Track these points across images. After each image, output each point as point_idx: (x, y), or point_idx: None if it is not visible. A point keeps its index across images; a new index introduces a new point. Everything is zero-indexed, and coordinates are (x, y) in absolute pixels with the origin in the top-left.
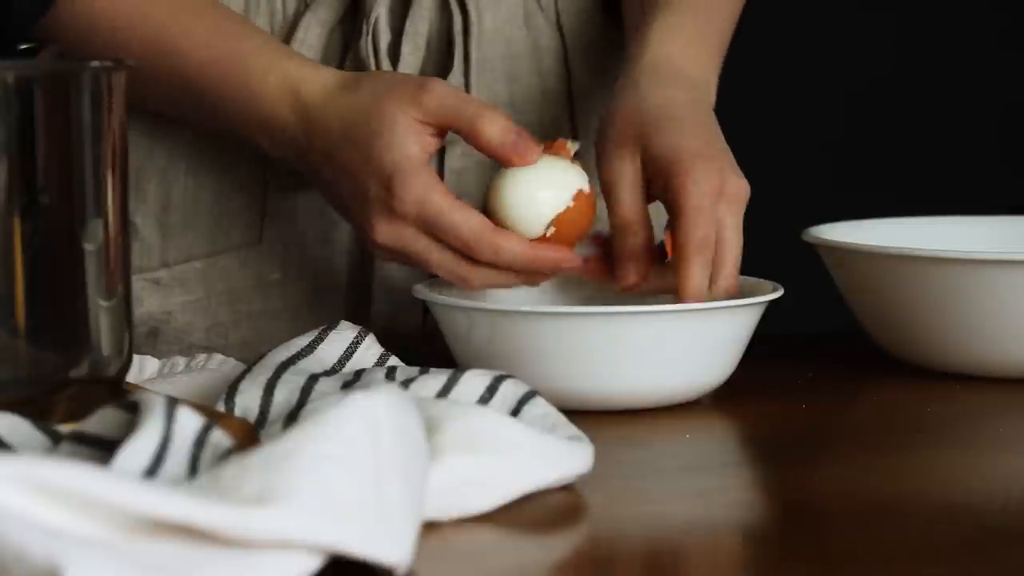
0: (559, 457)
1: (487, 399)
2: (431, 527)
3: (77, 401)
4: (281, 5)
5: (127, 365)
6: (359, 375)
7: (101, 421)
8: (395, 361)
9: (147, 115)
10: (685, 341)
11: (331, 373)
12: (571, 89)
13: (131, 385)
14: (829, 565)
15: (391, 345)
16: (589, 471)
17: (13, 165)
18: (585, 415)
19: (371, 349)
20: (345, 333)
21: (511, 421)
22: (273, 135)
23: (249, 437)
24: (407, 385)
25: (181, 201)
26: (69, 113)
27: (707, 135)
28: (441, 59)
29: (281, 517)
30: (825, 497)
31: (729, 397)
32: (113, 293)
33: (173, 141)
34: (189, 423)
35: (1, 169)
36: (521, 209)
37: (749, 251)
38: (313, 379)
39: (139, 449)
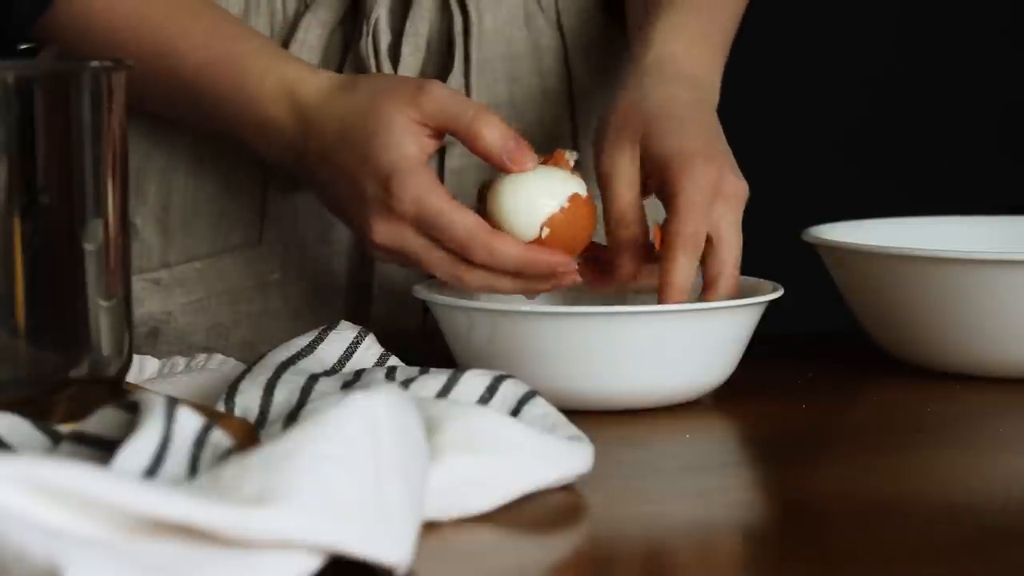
0: (559, 457)
1: (487, 399)
2: (431, 527)
3: (77, 401)
4: (281, 6)
5: (127, 365)
6: (359, 375)
7: (101, 421)
8: (395, 361)
9: (147, 116)
10: (685, 341)
11: (331, 373)
12: (572, 89)
13: (131, 385)
14: (829, 565)
15: (391, 345)
16: (589, 471)
17: (13, 165)
18: (585, 415)
19: (371, 349)
20: (345, 333)
21: (511, 421)
22: (270, 138)
23: (249, 437)
24: (407, 385)
25: (181, 202)
26: (69, 113)
27: (708, 135)
28: (441, 60)
29: (281, 517)
30: (825, 497)
31: (729, 397)
32: (113, 293)
33: (173, 142)
34: (189, 423)
35: (1, 169)
36: (516, 212)
37: (749, 251)
38: (313, 379)
39: (139, 449)
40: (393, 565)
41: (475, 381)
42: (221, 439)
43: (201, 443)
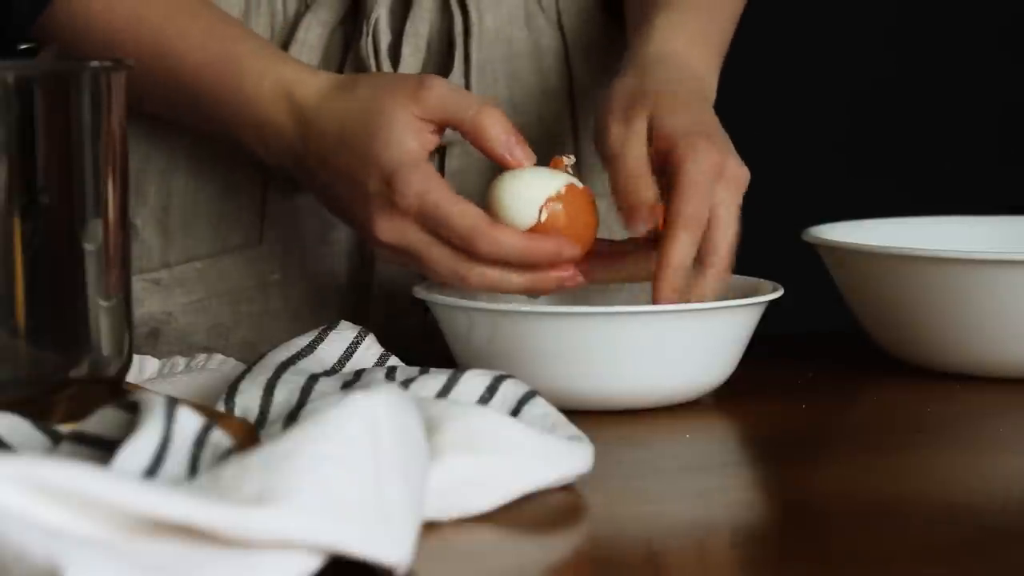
0: (559, 457)
1: (487, 399)
2: (431, 527)
3: (77, 401)
4: (282, 6)
5: (127, 365)
6: (359, 375)
7: (101, 421)
8: (395, 361)
9: (147, 117)
10: (685, 341)
11: (331, 373)
12: (572, 89)
13: (131, 385)
14: (829, 565)
15: (391, 345)
16: (589, 471)
17: (13, 165)
18: (585, 415)
19: (371, 349)
20: (345, 333)
21: (511, 421)
22: (268, 140)
23: (249, 437)
24: (407, 385)
25: (181, 202)
26: (69, 113)
27: (712, 122)
28: (442, 60)
29: (281, 517)
30: (825, 497)
31: (729, 397)
32: (113, 293)
33: (173, 143)
34: (189, 423)
35: (1, 169)
36: (514, 199)
37: (749, 251)
38: (313, 379)
39: (139, 449)
40: (393, 565)
41: (475, 381)
42: (221, 439)
43: (201, 443)
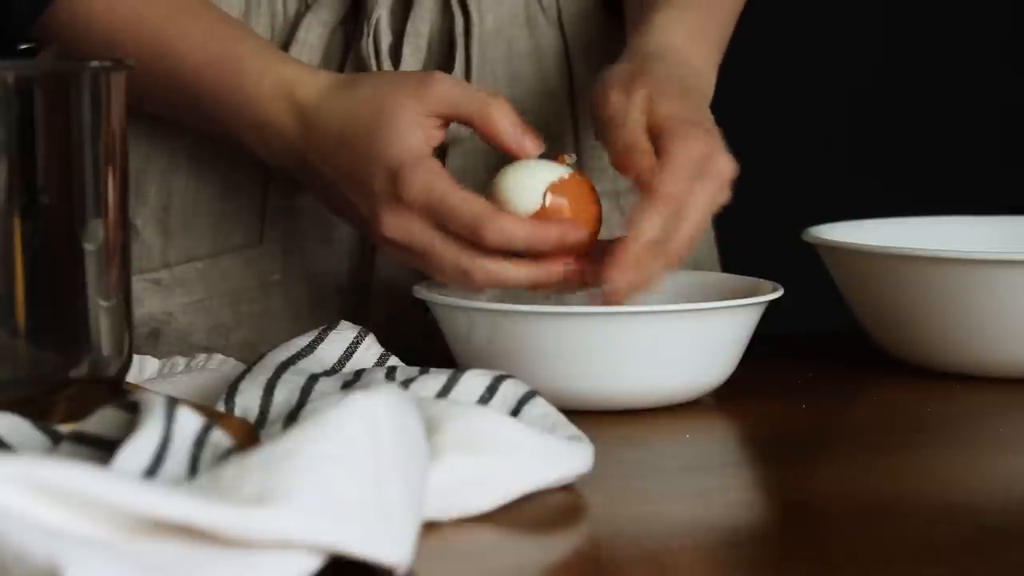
0: (559, 457)
1: (487, 399)
2: (431, 527)
3: (77, 401)
4: (282, 6)
5: (127, 365)
6: (359, 375)
7: (101, 421)
8: (395, 361)
9: (147, 117)
10: (685, 341)
11: (331, 373)
12: (573, 89)
13: (131, 385)
14: (829, 565)
15: (391, 345)
16: (589, 471)
17: (13, 165)
18: (585, 415)
19: (371, 349)
20: (345, 333)
21: (511, 421)
22: (269, 140)
23: (249, 437)
24: (407, 385)
25: (182, 202)
26: (69, 113)
27: (706, 116)
28: (443, 60)
29: (281, 517)
30: (825, 497)
31: (729, 397)
32: (113, 293)
33: (174, 143)
34: (189, 423)
35: (1, 169)
36: (518, 186)
37: (749, 251)
38: (313, 379)
39: (139, 449)
40: (393, 565)
41: (475, 381)
42: (221, 439)
43: (201, 443)
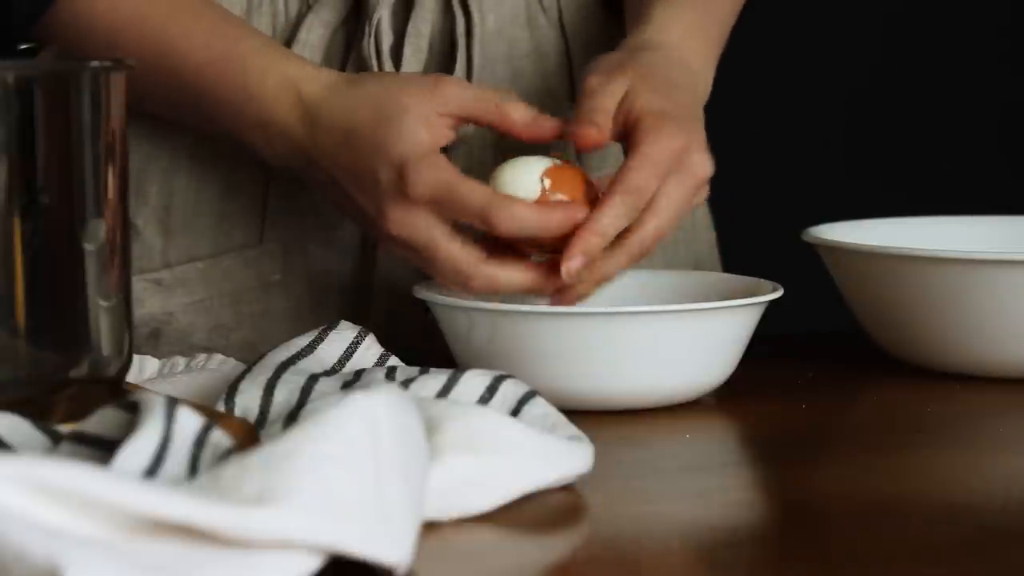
0: (559, 457)
1: (487, 399)
2: (431, 527)
3: (77, 401)
4: (284, 6)
5: (127, 365)
6: (359, 375)
7: (101, 421)
8: (395, 361)
9: (149, 117)
10: (685, 341)
11: (331, 373)
12: (574, 89)
13: (131, 385)
14: (829, 565)
15: (391, 345)
16: (589, 471)
17: (13, 165)
18: (585, 415)
19: (371, 349)
20: (345, 333)
21: (511, 421)
22: (272, 138)
23: (249, 437)
24: (407, 385)
25: (182, 202)
26: (69, 113)
27: (690, 113)
28: (444, 60)
29: (281, 517)
30: (825, 497)
31: (729, 397)
32: (113, 293)
33: (175, 143)
34: (189, 423)
35: (1, 169)
36: (515, 175)
37: (749, 251)
38: (313, 379)
39: (139, 449)
40: (393, 565)
41: (475, 381)
42: (221, 439)
43: (201, 443)
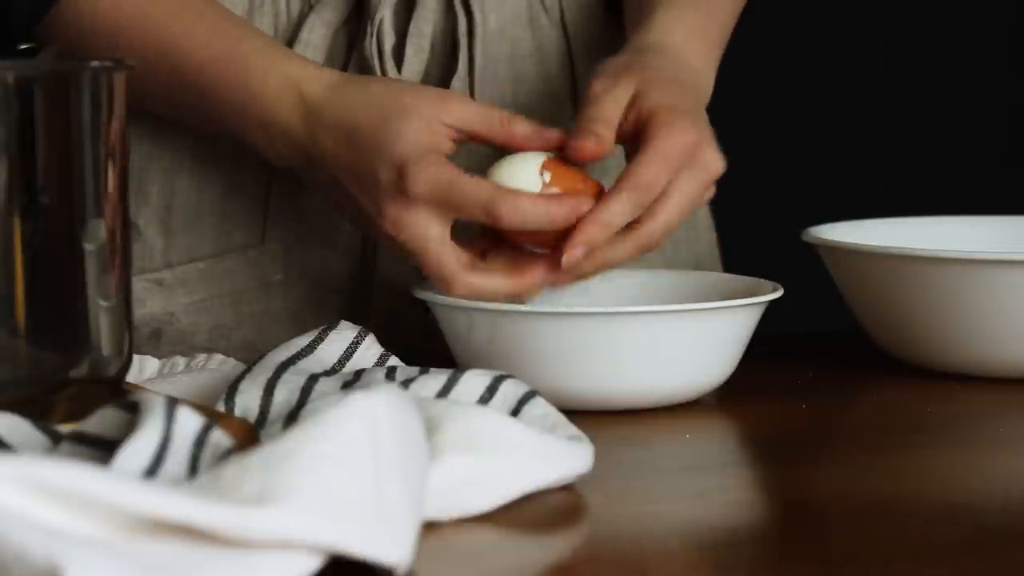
0: (559, 457)
1: (487, 399)
2: (431, 527)
3: (77, 401)
4: (285, 6)
5: (127, 365)
6: (359, 375)
7: (101, 421)
8: (395, 361)
9: (150, 116)
10: (685, 341)
11: (331, 373)
12: (575, 89)
13: (131, 385)
14: (829, 565)
15: (391, 345)
16: (589, 471)
17: (13, 165)
18: (585, 415)
19: (371, 349)
20: (345, 333)
21: (511, 421)
22: (274, 137)
23: (249, 437)
24: (407, 385)
25: (184, 202)
26: (69, 113)
27: (698, 111)
28: (445, 61)
29: (281, 517)
30: (825, 497)
31: (729, 397)
32: (113, 293)
33: (176, 143)
34: (189, 423)
35: (1, 169)
36: (513, 179)
37: (749, 251)
38: (313, 379)
39: (139, 449)
40: (393, 565)
41: (475, 381)
42: (221, 439)
43: (201, 443)
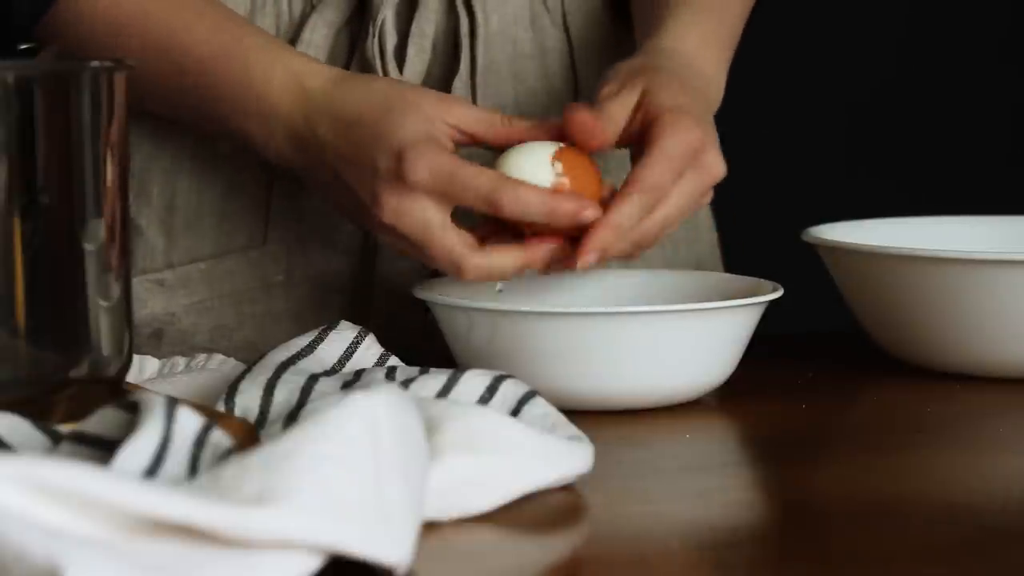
0: (559, 457)
1: (487, 399)
2: (431, 527)
3: (77, 401)
4: (287, 6)
5: (127, 365)
6: (359, 375)
7: (101, 421)
8: (395, 361)
9: (151, 116)
10: (685, 341)
11: (331, 373)
12: (577, 90)
13: (131, 385)
14: (829, 565)
15: (391, 345)
16: (589, 471)
17: (13, 165)
18: (585, 415)
19: (371, 349)
20: (345, 333)
21: (511, 421)
22: (273, 131)
23: (249, 437)
24: (407, 385)
25: (185, 203)
26: (69, 113)
27: (705, 114)
28: (447, 61)
29: (281, 517)
30: (825, 497)
31: (729, 397)
32: (113, 293)
33: (178, 143)
34: (189, 423)
35: (1, 169)
36: (523, 162)
37: (749, 251)
38: (313, 379)
39: (139, 449)
40: (393, 565)
41: (475, 381)
42: (221, 439)
43: (201, 443)
